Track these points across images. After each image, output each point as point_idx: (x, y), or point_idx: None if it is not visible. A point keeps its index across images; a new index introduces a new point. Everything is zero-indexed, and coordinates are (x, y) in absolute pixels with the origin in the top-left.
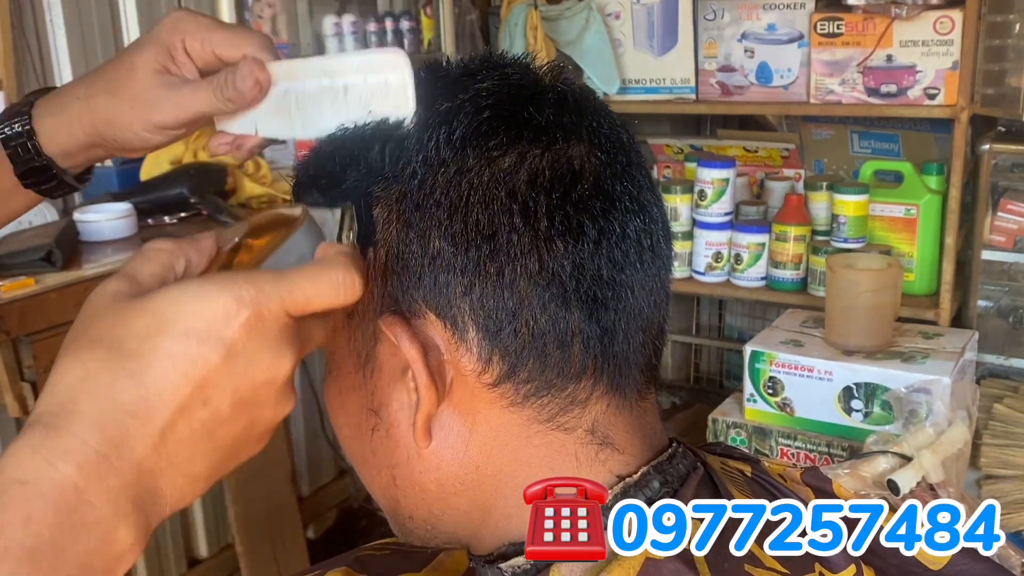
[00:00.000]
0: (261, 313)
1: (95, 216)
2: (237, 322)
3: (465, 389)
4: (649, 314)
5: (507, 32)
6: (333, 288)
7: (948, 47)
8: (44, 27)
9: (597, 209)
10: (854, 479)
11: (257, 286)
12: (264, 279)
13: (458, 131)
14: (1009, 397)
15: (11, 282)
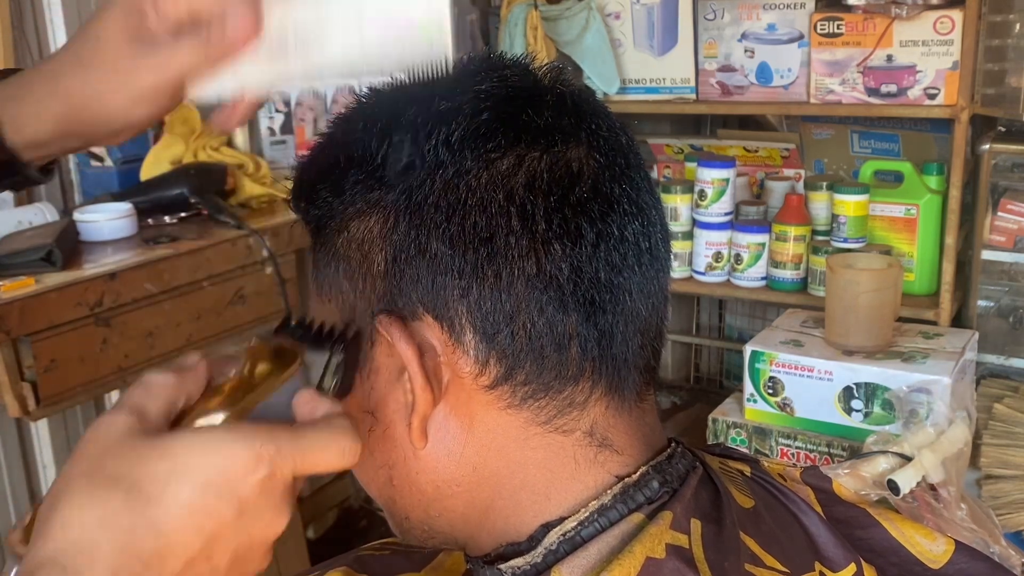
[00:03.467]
0: (274, 473)
1: (95, 216)
2: (254, 479)
3: (462, 391)
4: (647, 316)
5: (507, 32)
6: (339, 456)
7: (948, 47)
8: (44, 27)
9: (595, 212)
10: (854, 479)
11: (276, 445)
12: (281, 438)
13: (456, 133)
14: (1009, 397)
15: (11, 282)
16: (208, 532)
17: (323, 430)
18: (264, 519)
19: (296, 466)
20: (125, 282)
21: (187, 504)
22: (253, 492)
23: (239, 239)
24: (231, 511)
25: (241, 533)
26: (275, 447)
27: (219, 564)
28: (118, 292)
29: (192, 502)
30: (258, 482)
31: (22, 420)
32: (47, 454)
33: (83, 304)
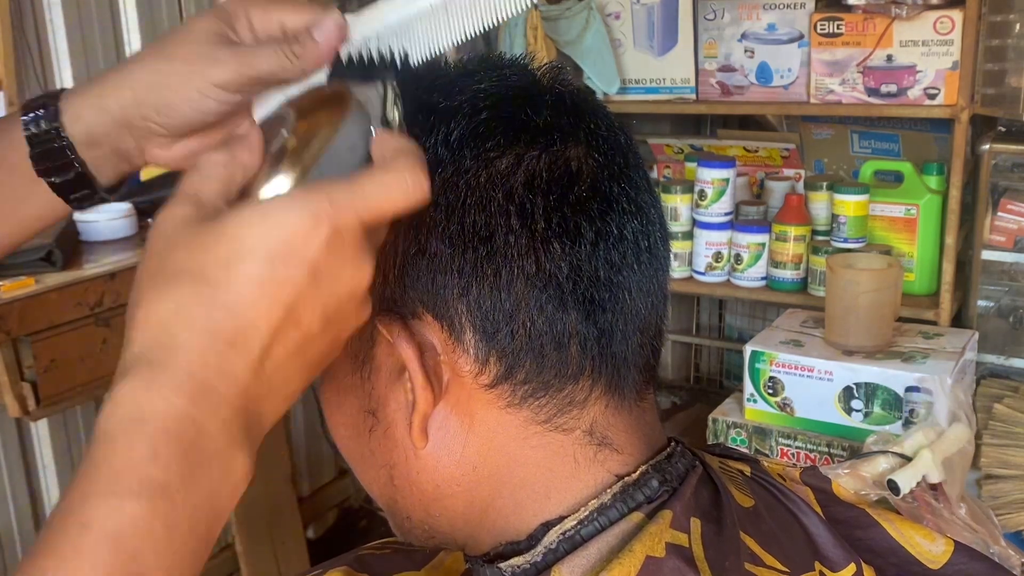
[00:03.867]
0: (338, 228)
1: (95, 216)
2: (317, 241)
3: (462, 390)
4: (646, 315)
5: (507, 32)
6: (402, 192)
7: (948, 47)
8: (44, 27)
9: (594, 211)
10: (854, 479)
11: (332, 201)
12: (337, 192)
13: (455, 132)
14: (1009, 397)
15: (11, 282)
16: (286, 301)
17: (383, 172)
18: (344, 274)
19: (360, 215)
20: (125, 282)
21: (255, 280)
22: (321, 252)
23: None
24: (303, 276)
25: (323, 294)
26: (330, 203)
27: (311, 327)
28: (118, 292)
29: (261, 277)
30: (323, 241)
31: (22, 420)
32: (47, 454)
33: (83, 304)
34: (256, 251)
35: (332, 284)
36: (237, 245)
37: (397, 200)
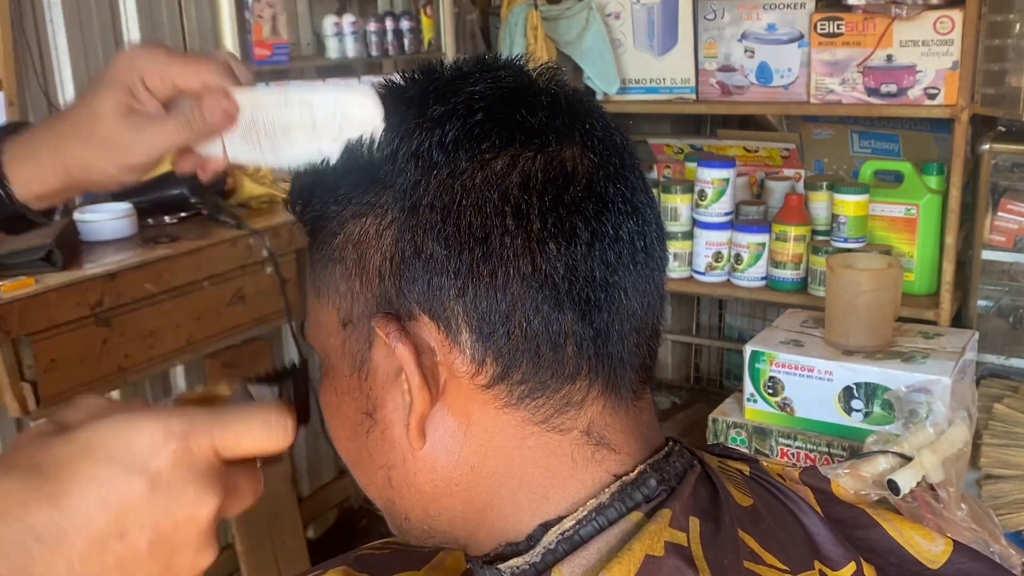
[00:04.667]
0: (189, 447)
1: (95, 216)
2: (164, 452)
3: (459, 391)
4: (643, 315)
5: (507, 32)
6: (264, 429)
7: (948, 47)
8: (44, 27)
9: (590, 211)
10: (854, 479)
11: (187, 420)
12: (195, 414)
13: (451, 134)
14: (1009, 397)
15: (11, 282)
16: (115, 506)
17: (246, 407)
18: (185, 496)
19: (215, 440)
20: (125, 282)
21: (88, 478)
22: (165, 465)
23: (239, 239)
24: (140, 484)
25: (157, 509)
26: (187, 422)
27: (137, 543)
28: (118, 292)
29: (94, 475)
30: (170, 455)
31: (22, 420)
32: None
33: (83, 304)
34: (98, 451)
35: (169, 501)
36: (80, 446)
37: (257, 436)
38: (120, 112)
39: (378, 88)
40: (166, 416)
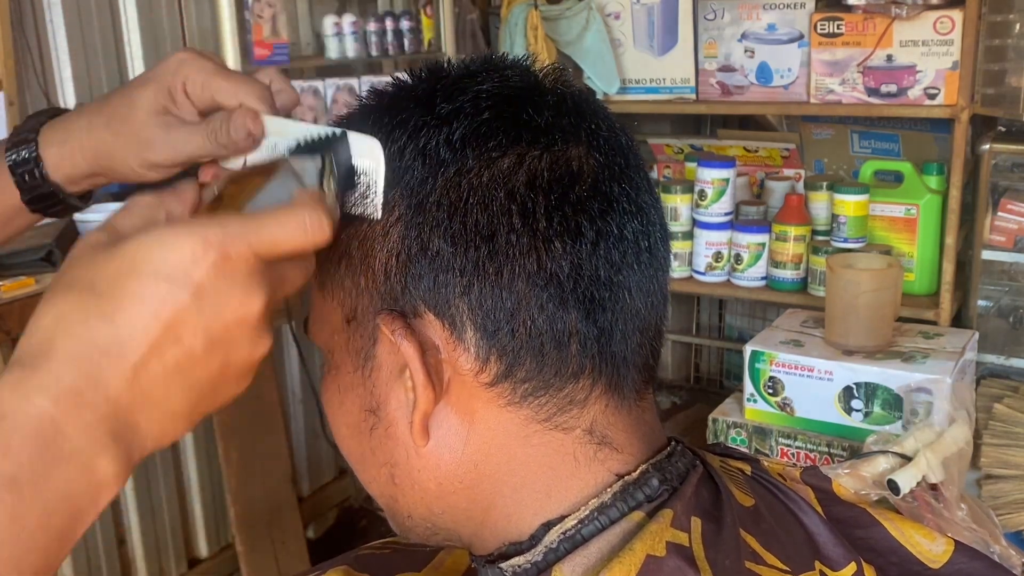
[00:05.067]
0: (227, 253)
1: (95, 216)
2: (205, 263)
3: (463, 388)
4: (646, 315)
5: (507, 32)
6: (300, 229)
7: (948, 47)
8: (44, 27)
9: (595, 210)
10: (854, 479)
11: (223, 228)
12: (231, 221)
13: (458, 132)
14: (1009, 397)
15: (11, 282)
16: (166, 317)
17: (282, 208)
18: (231, 300)
19: (253, 244)
20: None
21: (138, 293)
22: (208, 275)
23: None
24: (186, 295)
25: (206, 316)
26: (221, 230)
27: (192, 346)
28: None
29: (143, 291)
30: (211, 264)
31: None
32: None
33: None
34: (143, 268)
35: (217, 308)
36: (127, 263)
37: (294, 235)
38: (155, 110)
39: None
40: (202, 226)
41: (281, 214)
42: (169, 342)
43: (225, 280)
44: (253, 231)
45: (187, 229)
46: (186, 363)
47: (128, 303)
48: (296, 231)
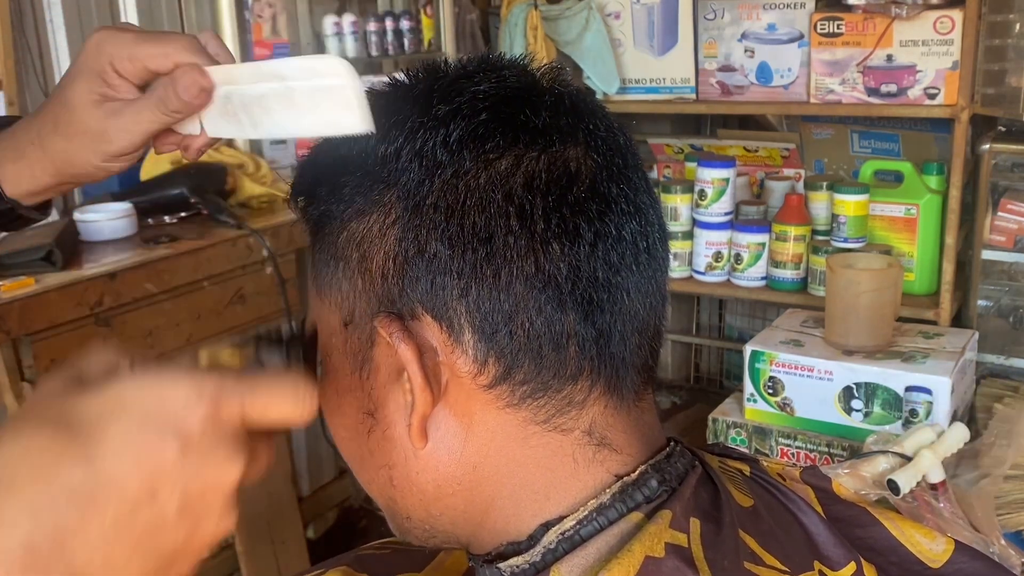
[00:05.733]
0: (219, 409)
1: (95, 216)
2: (197, 414)
3: (461, 391)
4: (645, 316)
5: (507, 32)
6: (292, 399)
7: (948, 47)
8: (44, 27)
9: (593, 211)
10: (854, 479)
11: (219, 382)
12: (226, 377)
13: (455, 133)
14: (1009, 397)
15: (11, 282)
16: (148, 467)
17: (276, 376)
18: (215, 459)
19: (245, 407)
20: (125, 282)
21: (122, 437)
22: (196, 428)
23: (239, 239)
24: (173, 446)
25: (188, 472)
26: (217, 385)
27: (166, 507)
28: (118, 292)
29: (128, 436)
30: (201, 418)
31: None
32: None
33: (83, 304)
34: (131, 410)
35: (199, 465)
36: (113, 404)
37: (284, 406)
38: (93, 101)
39: (382, 88)
40: (199, 376)
41: (274, 381)
42: (144, 499)
43: (211, 437)
44: (248, 391)
45: (182, 376)
46: (156, 526)
47: (109, 447)
48: (288, 401)
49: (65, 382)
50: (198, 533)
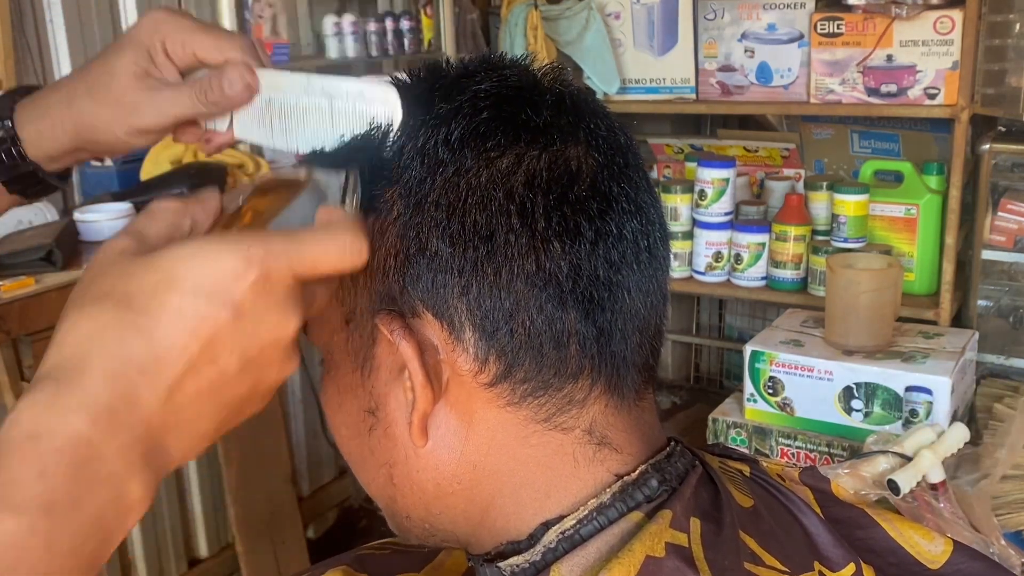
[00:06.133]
0: (269, 274)
1: (95, 216)
2: (246, 282)
3: (462, 389)
4: (646, 315)
5: (507, 32)
6: (339, 252)
7: (948, 47)
8: (44, 27)
9: (594, 210)
10: (854, 479)
11: (266, 247)
12: (273, 240)
13: (456, 132)
14: (1009, 397)
15: (11, 282)
16: (205, 336)
17: (322, 229)
18: (269, 320)
19: (293, 265)
20: None
21: (177, 310)
22: (248, 294)
23: None
24: (226, 313)
25: (244, 336)
26: (264, 249)
27: (227, 367)
28: None
29: (183, 308)
30: (251, 284)
31: None
32: None
33: None
34: (183, 283)
35: (255, 327)
36: (166, 276)
37: (333, 258)
38: (136, 73)
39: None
40: (245, 243)
41: (321, 235)
42: (205, 362)
43: (264, 300)
44: (295, 251)
45: (230, 245)
46: (220, 383)
47: (166, 319)
48: (336, 253)
49: (126, 247)
50: (262, 382)
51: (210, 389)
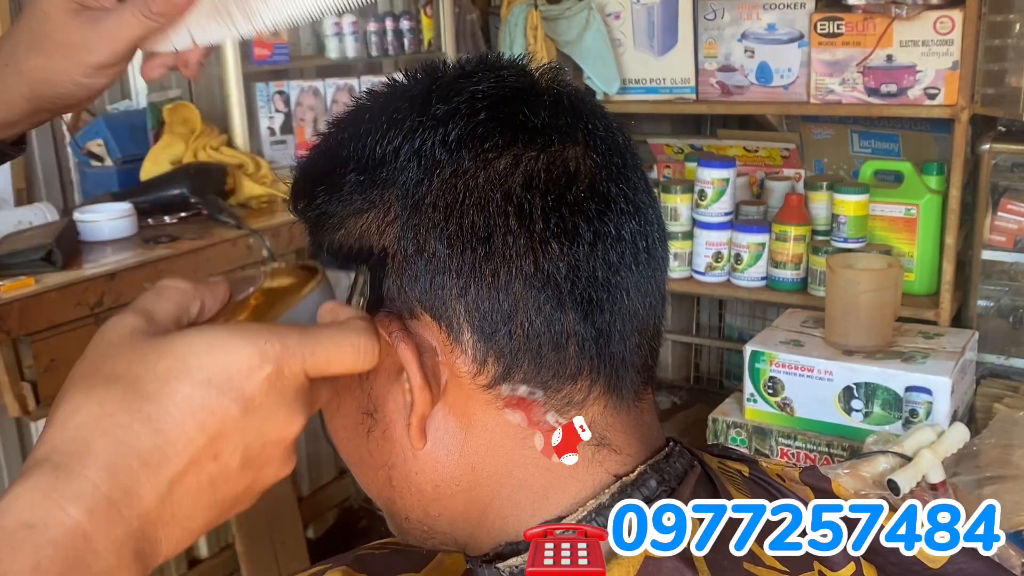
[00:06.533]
0: (282, 370)
1: (95, 216)
2: (259, 377)
3: (460, 390)
4: (644, 315)
5: (507, 32)
6: (353, 353)
7: (948, 47)
8: None
9: (592, 211)
10: (854, 479)
11: (282, 342)
12: (289, 335)
13: (454, 133)
14: (1009, 397)
15: (11, 282)
16: (212, 430)
17: (337, 328)
18: (276, 419)
19: (307, 364)
20: (125, 282)
21: (187, 401)
22: (259, 389)
23: (239, 239)
24: (236, 409)
25: (250, 432)
26: (281, 344)
27: (229, 464)
28: (118, 292)
29: (192, 399)
30: (264, 379)
31: (22, 420)
32: None
33: (83, 304)
34: (196, 373)
35: (261, 424)
36: (179, 363)
37: (346, 359)
38: (71, 10)
39: (381, 88)
40: (262, 336)
41: (336, 336)
42: (208, 457)
43: (274, 397)
44: (309, 350)
45: (245, 337)
46: (219, 480)
47: (175, 409)
48: (350, 355)
49: (134, 323)
50: (259, 481)
51: (209, 485)
